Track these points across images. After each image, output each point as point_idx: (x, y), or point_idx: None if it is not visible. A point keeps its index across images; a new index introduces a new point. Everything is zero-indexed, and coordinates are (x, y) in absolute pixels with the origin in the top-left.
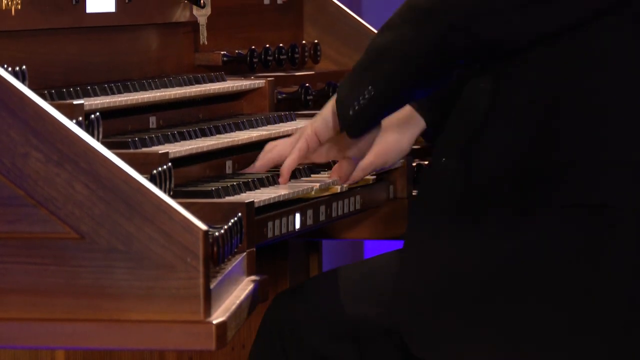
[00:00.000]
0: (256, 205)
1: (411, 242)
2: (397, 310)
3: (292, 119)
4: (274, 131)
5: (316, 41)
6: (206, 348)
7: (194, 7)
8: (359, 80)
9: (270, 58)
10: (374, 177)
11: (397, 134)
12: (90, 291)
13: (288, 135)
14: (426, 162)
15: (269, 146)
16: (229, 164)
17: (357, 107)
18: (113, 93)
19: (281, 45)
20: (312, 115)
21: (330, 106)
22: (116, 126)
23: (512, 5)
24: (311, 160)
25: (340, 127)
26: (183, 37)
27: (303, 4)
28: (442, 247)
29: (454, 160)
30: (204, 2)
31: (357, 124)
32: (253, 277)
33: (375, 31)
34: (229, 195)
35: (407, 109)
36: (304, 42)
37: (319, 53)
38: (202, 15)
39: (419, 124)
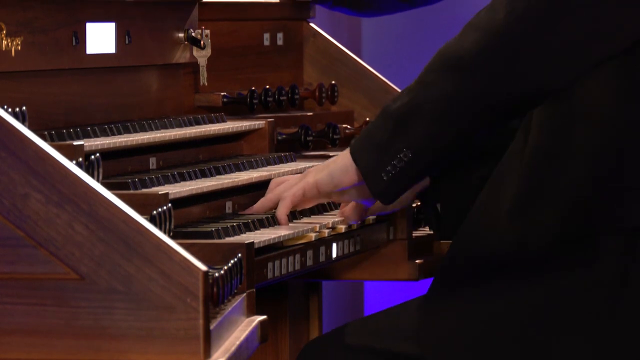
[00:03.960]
0: (256, 246)
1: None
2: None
3: (292, 160)
4: (274, 172)
5: (333, 82)
6: None
7: (194, 48)
8: (389, 144)
9: (270, 99)
10: (374, 217)
11: None
12: (90, 332)
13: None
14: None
15: (272, 184)
16: (229, 204)
17: (391, 174)
18: (113, 134)
19: (281, 86)
20: (312, 157)
21: (339, 163)
22: (116, 167)
23: (561, 41)
24: (303, 207)
25: (372, 194)
26: (183, 78)
27: (303, 45)
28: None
29: (502, 215)
30: (204, 43)
31: (392, 191)
32: (253, 318)
33: (375, 72)
34: (229, 236)
35: None
36: (321, 82)
37: (336, 94)
38: (202, 56)
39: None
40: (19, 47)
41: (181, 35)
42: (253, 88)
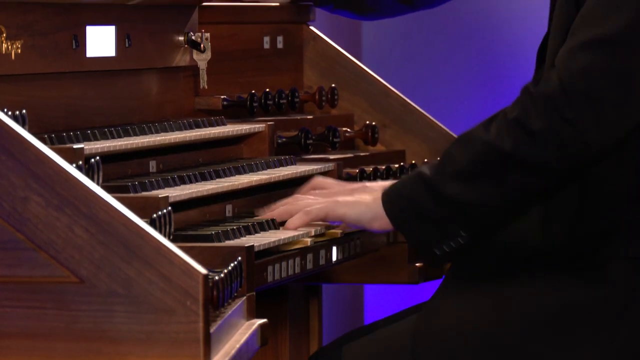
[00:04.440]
0: (256, 249)
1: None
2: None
3: (292, 163)
4: (274, 175)
5: (333, 85)
6: None
7: (194, 51)
8: (443, 225)
9: (271, 102)
10: None
11: None
12: (90, 335)
13: (288, 181)
14: None
15: (315, 183)
16: (229, 208)
17: (446, 249)
18: (113, 137)
19: (281, 89)
20: (312, 160)
21: (370, 208)
22: (116, 170)
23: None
24: None
25: (425, 262)
26: (183, 82)
27: (303, 48)
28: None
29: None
30: (204, 46)
31: (443, 260)
32: (253, 321)
33: (375, 75)
34: (229, 239)
35: None
36: (321, 85)
37: (336, 97)
38: (202, 59)
39: None
40: (19, 51)
41: (181, 38)
42: (253, 91)
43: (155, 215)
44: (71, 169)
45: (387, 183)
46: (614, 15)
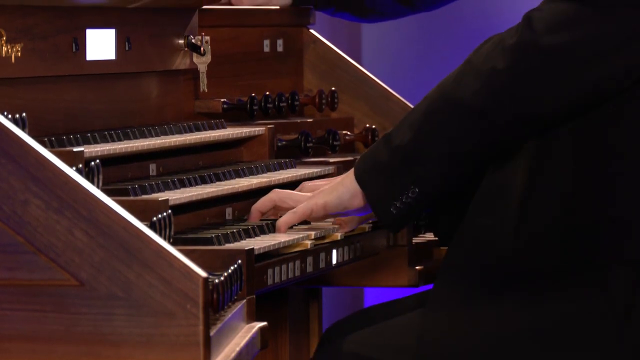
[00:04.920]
0: (256, 252)
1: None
2: None
3: (292, 166)
4: (274, 178)
5: (333, 88)
6: None
7: (194, 54)
8: (396, 178)
9: (270, 105)
10: (370, 225)
11: None
12: (89, 338)
13: (288, 184)
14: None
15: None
16: (229, 211)
17: (399, 206)
18: (113, 140)
19: (281, 92)
20: (312, 164)
21: (347, 186)
22: (116, 173)
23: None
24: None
25: (381, 223)
26: (183, 85)
27: (303, 52)
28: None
29: (496, 221)
30: (204, 49)
31: (400, 222)
32: (253, 324)
33: (375, 79)
34: (229, 242)
35: None
36: (321, 88)
37: (336, 100)
38: (202, 62)
39: None
40: (19, 54)
41: (181, 41)
42: (253, 94)
43: (155, 219)
44: (71, 172)
45: None
46: None
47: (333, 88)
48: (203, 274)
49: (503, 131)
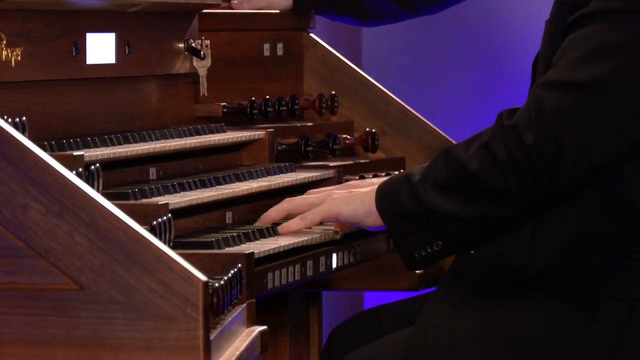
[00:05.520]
0: (256, 256)
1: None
2: None
3: (292, 170)
4: (274, 182)
5: (333, 92)
6: None
7: (194, 58)
8: (420, 231)
9: (270, 109)
10: None
11: None
12: (90, 342)
13: (288, 188)
14: None
15: (308, 193)
16: (229, 215)
17: (424, 254)
18: (113, 144)
19: (281, 96)
20: (312, 167)
21: (365, 203)
22: (116, 177)
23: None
24: None
25: (406, 266)
26: (183, 89)
27: (303, 55)
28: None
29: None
30: (204, 53)
31: (422, 265)
32: (253, 328)
33: (375, 82)
34: (229, 246)
35: None
36: (321, 92)
37: (336, 104)
38: (202, 66)
39: None
40: (19, 58)
41: (181, 45)
42: (253, 98)
43: (155, 222)
44: (71, 176)
45: (384, 179)
46: (594, 63)
47: (333, 92)
48: (203, 277)
49: (521, 208)
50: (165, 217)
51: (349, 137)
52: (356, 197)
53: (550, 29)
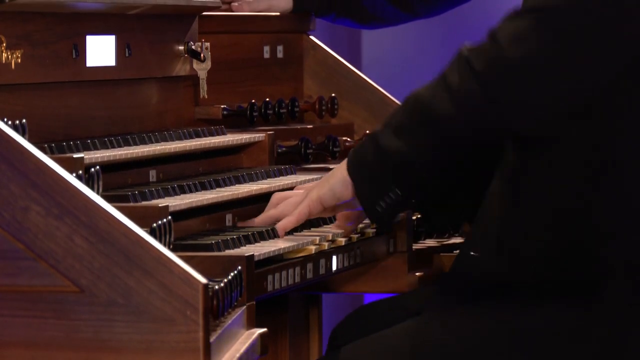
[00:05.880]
0: (256, 258)
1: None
2: None
3: (292, 173)
4: (274, 184)
5: (333, 95)
6: None
7: (194, 61)
8: (378, 180)
9: (270, 111)
10: (374, 230)
11: None
12: (89, 344)
13: (288, 190)
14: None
15: (274, 199)
16: (229, 217)
17: (384, 205)
18: (113, 147)
19: (281, 98)
20: (312, 170)
21: (338, 177)
22: (116, 180)
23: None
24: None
25: (370, 220)
26: (183, 91)
27: (303, 58)
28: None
29: (486, 248)
30: (204, 56)
31: (386, 219)
32: (253, 331)
33: (375, 85)
34: (229, 248)
35: None
36: (321, 95)
37: (336, 107)
38: (202, 69)
39: None
40: (19, 60)
41: (181, 47)
42: (253, 101)
43: (155, 225)
44: (71, 179)
45: None
46: None
47: (333, 94)
48: (203, 280)
49: (478, 144)
50: (165, 220)
51: (349, 139)
52: (330, 177)
53: None
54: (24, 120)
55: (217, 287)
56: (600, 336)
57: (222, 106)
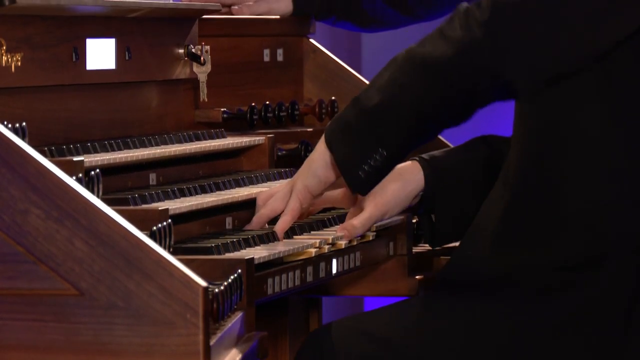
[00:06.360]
0: (256, 262)
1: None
2: None
3: (292, 176)
4: (274, 188)
5: (333, 98)
6: None
7: (194, 64)
8: (362, 141)
9: (270, 115)
10: (374, 233)
11: (398, 183)
12: (89, 348)
13: None
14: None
15: (260, 200)
16: (229, 220)
17: (367, 169)
18: (113, 150)
19: (281, 102)
20: None
21: (319, 160)
22: (116, 183)
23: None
24: (302, 218)
25: (350, 188)
26: (183, 94)
27: (303, 61)
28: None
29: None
30: (204, 59)
31: (369, 184)
32: (253, 334)
33: None
34: (228, 251)
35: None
36: (321, 98)
37: (336, 110)
38: (202, 72)
39: (419, 181)
40: (19, 63)
41: (181, 51)
42: (253, 104)
43: (155, 228)
44: (71, 182)
45: None
46: None
47: (333, 97)
48: (203, 283)
49: (465, 84)
50: (165, 223)
51: None
52: (309, 162)
53: None
54: (24, 124)
55: (217, 290)
56: (599, 330)
57: (222, 109)
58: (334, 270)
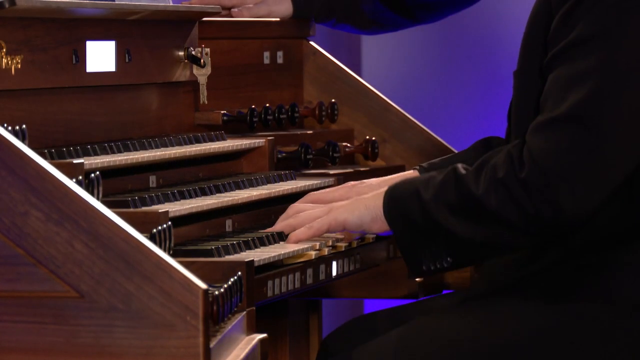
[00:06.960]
0: (256, 264)
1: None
2: None
3: (292, 178)
4: (274, 190)
5: (333, 100)
6: None
7: (194, 66)
8: (433, 246)
9: (270, 117)
10: (374, 236)
11: None
12: (89, 350)
13: (288, 195)
14: None
15: (291, 211)
16: (229, 223)
17: (432, 268)
18: (113, 152)
19: (281, 104)
20: (312, 175)
21: (370, 209)
22: (116, 185)
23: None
24: None
25: (410, 274)
26: (183, 97)
27: (303, 63)
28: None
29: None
30: (204, 61)
31: (426, 276)
32: (253, 336)
33: (375, 90)
34: (228, 254)
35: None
36: (321, 100)
37: (336, 112)
38: (202, 74)
39: None
40: (19, 66)
41: (181, 53)
42: (253, 106)
43: (155, 230)
44: (71, 184)
45: (385, 179)
46: (572, 93)
47: (333, 100)
48: (203, 285)
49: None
50: (165, 225)
51: (349, 145)
52: (360, 204)
53: (520, 79)
54: (24, 126)
55: (217, 292)
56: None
57: (222, 112)
58: (334, 273)
